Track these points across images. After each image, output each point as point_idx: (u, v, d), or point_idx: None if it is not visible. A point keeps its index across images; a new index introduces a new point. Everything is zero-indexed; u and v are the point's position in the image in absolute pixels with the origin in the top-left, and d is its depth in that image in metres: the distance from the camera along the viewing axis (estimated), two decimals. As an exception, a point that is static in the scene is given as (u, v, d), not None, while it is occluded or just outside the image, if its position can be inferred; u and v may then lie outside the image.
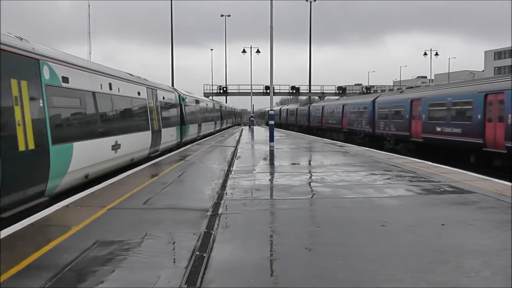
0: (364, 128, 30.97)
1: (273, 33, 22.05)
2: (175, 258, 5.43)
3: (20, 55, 8.10)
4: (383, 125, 27.38)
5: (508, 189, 9.56)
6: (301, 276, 4.74)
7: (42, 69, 8.88)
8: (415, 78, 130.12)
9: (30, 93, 8.19)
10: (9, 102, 7.48)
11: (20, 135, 7.69)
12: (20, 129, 7.70)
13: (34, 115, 8.24)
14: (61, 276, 4.67)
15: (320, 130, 43.57)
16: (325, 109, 42.97)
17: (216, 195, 9.21)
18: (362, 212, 7.77)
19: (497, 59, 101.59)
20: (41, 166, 8.54)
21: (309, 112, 50.00)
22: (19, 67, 8.03)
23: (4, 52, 7.49)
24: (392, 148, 24.99)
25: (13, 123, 7.53)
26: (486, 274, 4.77)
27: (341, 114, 36.98)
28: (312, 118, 48.63)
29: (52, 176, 8.92)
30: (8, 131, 7.40)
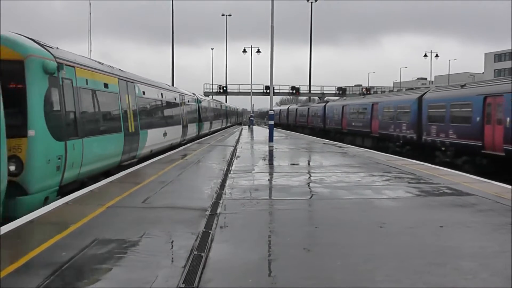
0: (404, 133, 24.02)
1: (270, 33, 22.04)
2: (173, 257, 5.43)
3: (129, 81, 14.80)
4: (436, 130, 20.54)
5: (507, 192, 9.57)
6: (299, 276, 4.75)
7: (135, 88, 15.38)
8: (415, 79, 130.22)
9: (131, 101, 14.60)
10: (125, 106, 13.87)
11: (131, 124, 14.16)
12: (131, 121, 14.16)
13: (134, 113, 14.63)
14: (59, 273, 4.68)
15: (340, 133, 36.23)
16: (346, 108, 35.29)
17: (215, 194, 9.22)
18: (360, 213, 7.77)
19: (497, 61, 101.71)
20: (136, 141, 14.68)
21: (325, 113, 42.45)
22: (128, 88, 14.50)
23: (122, 81, 13.99)
24: (450, 162, 18.61)
25: (128, 118, 13.96)
26: (484, 276, 4.77)
27: (369, 115, 29.78)
28: (328, 119, 41.22)
29: (139, 148, 15.15)
30: (126, 122, 13.76)
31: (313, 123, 47.74)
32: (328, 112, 41.52)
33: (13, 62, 8.35)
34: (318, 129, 44.60)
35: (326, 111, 42.11)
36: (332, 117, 39.99)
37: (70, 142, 9.61)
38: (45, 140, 8.74)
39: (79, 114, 10.27)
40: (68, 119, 9.79)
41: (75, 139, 9.87)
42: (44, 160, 8.66)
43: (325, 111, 42.52)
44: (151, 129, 16.53)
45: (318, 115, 45.24)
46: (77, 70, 10.49)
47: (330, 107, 41.21)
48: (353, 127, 33.28)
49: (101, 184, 10.28)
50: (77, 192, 9.19)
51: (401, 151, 23.32)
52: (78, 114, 10.25)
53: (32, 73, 8.60)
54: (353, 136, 32.96)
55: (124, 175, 11.84)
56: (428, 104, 21.89)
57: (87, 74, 11.17)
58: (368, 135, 29.98)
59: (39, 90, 8.73)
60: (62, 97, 9.54)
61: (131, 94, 14.62)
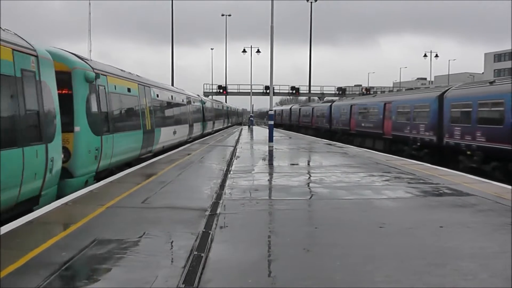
0: (422, 135, 21.73)
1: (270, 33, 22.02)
2: (173, 257, 5.43)
3: (146, 85, 16.98)
4: (460, 132, 18.21)
5: (507, 192, 9.57)
6: (298, 276, 4.75)
7: (151, 91, 17.57)
8: (414, 79, 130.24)
9: (148, 103, 16.86)
10: (143, 108, 16.12)
11: (148, 123, 16.32)
12: (148, 120, 16.31)
13: (150, 114, 16.84)
14: (59, 274, 4.68)
15: (347, 135, 34.00)
16: (355, 108, 32.81)
17: (215, 194, 9.21)
18: (360, 213, 7.77)
19: (497, 61, 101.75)
20: (151, 138, 16.85)
21: (331, 113, 39.65)
22: (145, 91, 16.72)
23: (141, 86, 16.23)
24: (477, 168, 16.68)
25: (145, 117, 16.10)
26: (484, 277, 4.77)
27: (381, 115, 27.23)
28: (335, 120, 38.43)
29: (154, 144, 17.37)
30: (144, 120, 15.89)
31: (318, 124, 44.92)
32: (334, 112, 38.90)
33: (62, 73, 10.24)
34: (323, 130, 41.91)
35: (333, 111, 39.45)
36: (339, 118, 37.15)
37: (104, 137, 11.84)
38: (87, 134, 10.91)
39: (110, 114, 12.52)
40: (103, 118, 11.93)
41: (107, 134, 12.11)
42: (86, 150, 10.87)
43: (331, 111, 39.89)
44: (164, 127, 18.95)
45: (324, 115, 42.56)
46: (108, 78, 12.76)
47: (337, 106, 38.35)
48: (363, 128, 30.78)
49: (100, 184, 10.28)
50: (76, 192, 9.19)
51: (418, 155, 21.31)
52: (110, 114, 12.50)
53: (77, 81, 10.76)
54: (363, 137, 30.64)
55: (123, 175, 11.84)
56: (451, 103, 19.44)
57: (115, 81, 13.46)
58: (379, 137, 27.51)
59: (82, 94, 10.88)
60: (98, 100, 11.74)
61: (147, 97, 16.99)
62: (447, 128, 19.37)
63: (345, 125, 34.87)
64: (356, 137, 32.02)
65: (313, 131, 45.29)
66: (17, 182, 7.57)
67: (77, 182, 10.51)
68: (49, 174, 8.72)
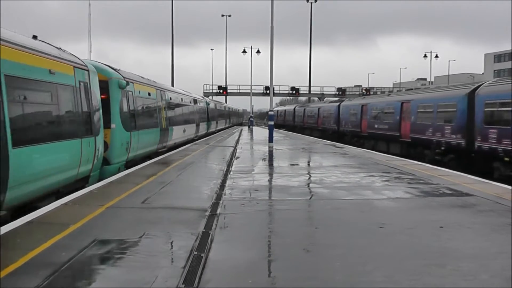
0: (448, 137, 19.15)
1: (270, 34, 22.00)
2: (173, 257, 5.43)
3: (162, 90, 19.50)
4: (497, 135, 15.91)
5: (507, 192, 9.56)
6: (298, 277, 4.74)
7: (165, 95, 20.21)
8: (414, 80, 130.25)
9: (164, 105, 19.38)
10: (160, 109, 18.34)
11: (163, 122, 18.79)
12: (163, 120, 18.83)
13: (165, 114, 19.47)
14: (58, 274, 4.67)
15: (358, 137, 31.57)
16: (367, 108, 30.00)
17: (215, 195, 9.21)
18: (360, 213, 7.77)
19: (497, 62, 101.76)
20: (166, 135, 19.36)
21: (339, 113, 36.93)
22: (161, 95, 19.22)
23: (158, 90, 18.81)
24: None
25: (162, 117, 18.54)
26: (484, 278, 4.77)
27: (398, 115, 24.72)
28: (343, 121, 35.66)
29: (168, 140, 19.93)
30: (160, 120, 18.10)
31: (325, 125, 42.10)
32: (343, 113, 36.04)
33: (102, 82, 12.49)
34: (330, 132, 39.11)
35: (341, 111, 36.57)
36: (348, 118, 34.41)
37: (132, 133, 14.35)
38: (120, 130, 13.46)
39: (136, 114, 15.11)
40: (131, 117, 14.45)
41: (134, 131, 14.58)
42: (120, 143, 13.38)
43: (339, 111, 37.11)
44: (175, 126, 21.72)
45: (331, 116, 39.70)
46: (134, 85, 15.43)
47: (346, 107, 35.55)
48: (376, 130, 27.99)
49: (100, 185, 10.28)
50: (76, 193, 9.18)
51: (442, 160, 19.08)
52: (136, 114, 15.09)
53: (113, 88, 13.32)
54: (376, 140, 28.18)
55: (123, 176, 11.83)
56: (484, 101, 16.91)
57: (139, 87, 16.18)
58: (395, 140, 24.92)
59: (116, 98, 13.44)
60: (128, 103, 14.32)
61: (163, 99, 19.73)
62: (480, 130, 16.93)
63: (355, 127, 32.37)
64: (367, 140, 29.66)
65: (319, 133, 42.69)
66: (77, 164, 10.12)
67: (113, 168, 12.96)
68: (96, 160, 11.34)
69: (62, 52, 10.29)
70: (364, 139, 30.28)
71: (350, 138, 32.91)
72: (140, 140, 15.24)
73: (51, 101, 9.25)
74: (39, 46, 9.12)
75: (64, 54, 10.31)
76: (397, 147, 24.76)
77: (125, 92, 14.09)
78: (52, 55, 9.44)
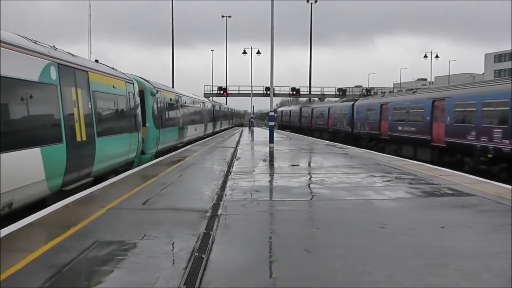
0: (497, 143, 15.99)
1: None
2: (174, 259, 5.42)
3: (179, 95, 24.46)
4: None
5: (507, 192, 9.55)
6: (299, 277, 4.74)
7: (182, 99, 24.83)
8: (415, 80, 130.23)
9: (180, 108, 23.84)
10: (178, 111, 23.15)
11: (180, 122, 23.37)
12: (180, 119, 23.35)
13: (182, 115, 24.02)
14: (59, 276, 4.67)
15: (377, 140, 28.06)
16: (388, 108, 26.53)
17: (216, 196, 9.20)
18: (361, 214, 7.76)
19: (497, 62, 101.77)
20: (183, 133, 23.64)
21: (353, 113, 33.46)
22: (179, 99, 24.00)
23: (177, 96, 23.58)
24: None
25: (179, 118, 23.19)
26: (486, 277, 4.76)
27: (428, 116, 21.41)
28: (359, 122, 32.06)
29: (184, 137, 24.16)
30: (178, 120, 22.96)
31: (336, 126, 38.21)
32: (358, 113, 32.22)
33: (139, 91, 16.49)
34: (343, 134, 35.47)
35: (356, 111, 32.87)
36: (364, 119, 30.64)
37: (160, 130, 18.55)
38: (152, 128, 17.54)
39: (162, 116, 19.35)
40: (159, 118, 18.62)
41: (161, 129, 18.78)
42: (152, 138, 17.44)
43: (353, 111, 33.42)
44: (189, 125, 26.08)
45: (344, 116, 35.81)
46: (161, 92, 19.43)
47: (362, 106, 31.80)
48: (400, 133, 24.50)
49: (101, 186, 10.27)
50: (77, 194, 9.18)
51: (488, 170, 16.34)
52: (162, 116, 19.34)
53: (147, 96, 17.30)
54: (399, 144, 24.77)
55: (124, 177, 11.84)
56: None
57: (164, 94, 20.35)
58: (425, 144, 21.50)
59: (149, 104, 17.43)
60: (157, 107, 18.41)
61: (180, 103, 24.29)
62: None
63: (373, 129, 28.58)
64: (388, 144, 26.26)
65: (329, 135, 38.83)
66: (127, 152, 14.07)
67: (147, 157, 16.91)
68: (138, 150, 15.44)
69: (115, 70, 14.31)
70: (384, 143, 26.80)
71: (367, 142, 29.27)
72: (166, 136, 19.68)
73: (114, 107, 13.37)
74: (104, 69, 12.97)
75: (117, 72, 14.35)
76: (427, 152, 21.35)
77: (155, 98, 18.18)
78: (112, 74, 13.42)
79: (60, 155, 9.09)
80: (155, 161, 15.98)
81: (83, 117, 10.41)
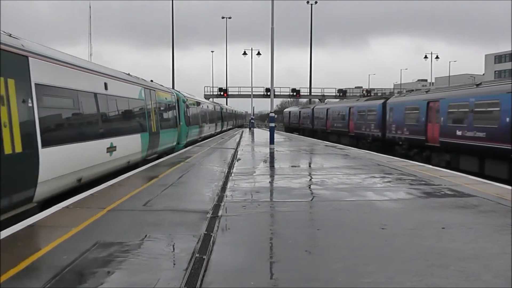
0: None
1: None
2: (175, 260, 5.42)
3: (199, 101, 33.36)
4: None
5: (508, 193, 9.55)
6: (300, 278, 4.74)
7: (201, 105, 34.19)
8: (415, 81, 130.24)
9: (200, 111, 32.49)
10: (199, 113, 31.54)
11: (200, 121, 31.54)
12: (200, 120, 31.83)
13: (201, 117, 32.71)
14: (60, 277, 4.67)
15: (421, 148, 22.07)
16: (440, 107, 20.48)
17: (216, 197, 9.20)
18: (362, 215, 7.76)
19: (498, 62, 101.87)
20: (201, 130, 32.12)
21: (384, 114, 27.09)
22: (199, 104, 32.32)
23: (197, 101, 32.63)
24: None
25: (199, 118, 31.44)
26: (487, 278, 4.76)
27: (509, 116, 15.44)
28: (393, 125, 25.33)
29: (202, 134, 31.96)
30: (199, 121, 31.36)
31: (361, 130, 31.05)
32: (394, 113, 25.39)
33: (176, 100, 23.01)
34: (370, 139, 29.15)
35: (389, 111, 26.35)
36: (401, 121, 24.36)
37: (189, 127, 25.45)
38: (184, 126, 24.09)
39: (190, 117, 26.69)
40: (188, 119, 25.55)
41: (189, 126, 25.73)
42: (184, 133, 24.05)
43: (385, 111, 27.05)
44: (205, 124, 34.17)
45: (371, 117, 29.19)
46: (188, 100, 26.53)
47: (397, 104, 25.09)
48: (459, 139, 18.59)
49: (101, 188, 10.27)
50: (77, 196, 9.18)
51: None
52: (190, 117, 26.64)
53: (180, 103, 23.69)
54: (456, 154, 19.10)
55: (125, 178, 11.84)
56: None
57: (190, 101, 27.72)
58: (501, 155, 15.75)
59: (182, 109, 24.01)
60: (186, 111, 25.18)
61: (199, 107, 32.05)
62: None
63: (416, 133, 22.41)
64: (440, 153, 20.32)
65: (351, 140, 33.04)
66: (172, 141, 21.05)
67: (180, 146, 23.36)
68: (176, 140, 22.11)
69: (162, 86, 21.51)
70: (432, 151, 21.06)
71: (406, 150, 23.43)
72: (191, 132, 26.88)
73: (167, 111, 20.47)
74: (159, 86, 20.32)
75: (164, 87, 21.79)
76: (503, 168, 15.68)
77: (185, 105, 25.36)
78: (164, 90, 20.92)
79: (146, 139, 16.20)
80: (155, 162, 15.97)
81: (154, 118, 17.56)
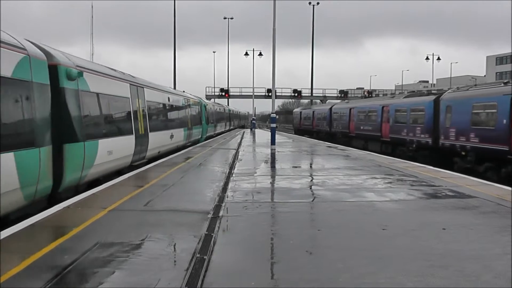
0: None
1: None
2: (176, 260, 5.43)
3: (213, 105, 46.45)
4: None
5: (508, 194, 9.55)
6: (301, 279, 4.74)
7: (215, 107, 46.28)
8: (416, 82, 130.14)
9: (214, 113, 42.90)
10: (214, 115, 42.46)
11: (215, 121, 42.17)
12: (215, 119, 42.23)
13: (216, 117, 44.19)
14: (61, 277, 4.68)
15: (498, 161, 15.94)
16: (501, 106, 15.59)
17: (217, 197, 9.21)
18: (363, 215, 7.76)
19: (499, 64, 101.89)
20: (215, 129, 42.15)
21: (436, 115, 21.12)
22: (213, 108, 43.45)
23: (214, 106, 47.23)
24: None
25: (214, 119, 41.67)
26: (487, 278, 4.76)
27: None
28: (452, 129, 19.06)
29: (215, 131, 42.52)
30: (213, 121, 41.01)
31: (400, 134, 24.97)
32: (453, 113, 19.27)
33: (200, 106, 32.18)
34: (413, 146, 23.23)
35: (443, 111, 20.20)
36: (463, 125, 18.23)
37: (208, 126, 35.05)
38: (205, 125, 33.17)
39: (209, 118, 36.42)
40: (207, 119, 34.62)
41: (208, 125, 35.26)
42: (205, 129, 33.24)
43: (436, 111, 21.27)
44: (218, 123, 43.54)
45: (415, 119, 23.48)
46: (208, 105, 37.04)
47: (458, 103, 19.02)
48: None
49: (102, 187, 10.29)
50: (78, 196, 9.20)
51: None
52: (209, 118, 36.26)
53: (202, 107, 32.61)
54: None
55: (125, 179, 11.85)
56: None
57: (209, 106, 38.21)
58: None
59: (203, 111, 32.80)
60: (207, 113, 34.59)
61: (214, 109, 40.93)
62: None
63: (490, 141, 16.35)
64: None
65: (384, 147, 27.32)
66: (199, 135, 30.19)
67: (202, 139, 30.76)
68: (201, 137, 31.14)
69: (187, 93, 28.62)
70: None
71: (473, 163, 17.47)
72: (209, 130, 35.17)
73: (197, 114, 29.73)
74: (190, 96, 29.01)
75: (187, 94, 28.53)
76: None
77: (206, 109, 33.69)
78: (193, 99, 29.30)
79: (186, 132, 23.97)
80: (156, 163, 15.98)
81: (190, 118, 26.03)
